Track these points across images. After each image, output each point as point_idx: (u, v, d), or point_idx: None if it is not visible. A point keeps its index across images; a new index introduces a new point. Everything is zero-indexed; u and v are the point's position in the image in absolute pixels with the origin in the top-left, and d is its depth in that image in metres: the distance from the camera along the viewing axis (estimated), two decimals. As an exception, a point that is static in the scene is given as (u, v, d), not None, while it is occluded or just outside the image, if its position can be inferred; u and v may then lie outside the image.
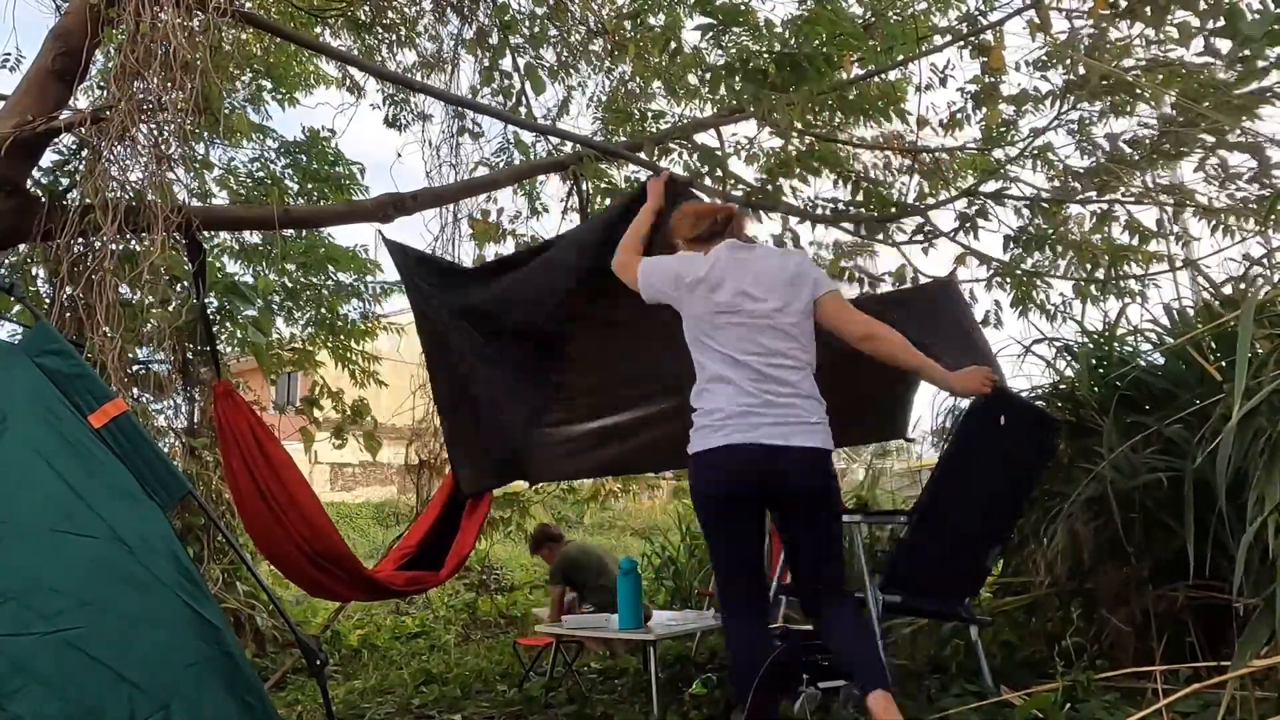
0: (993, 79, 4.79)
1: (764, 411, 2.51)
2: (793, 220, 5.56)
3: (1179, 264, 4.54)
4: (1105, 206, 4.89)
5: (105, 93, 3.67)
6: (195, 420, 4.64)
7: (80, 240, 3.46)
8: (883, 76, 5.09)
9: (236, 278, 6.22)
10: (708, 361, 2.65)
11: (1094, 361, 3.77)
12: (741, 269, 2.70)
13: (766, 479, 2.52)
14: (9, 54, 4.36)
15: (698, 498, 2.63)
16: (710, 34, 4.77)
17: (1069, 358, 3.97)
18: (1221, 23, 3.49)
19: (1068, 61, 4.39)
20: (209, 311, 4.95)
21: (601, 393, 4.48)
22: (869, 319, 2.73)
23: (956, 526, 3.20)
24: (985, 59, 4.71)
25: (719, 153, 5.44)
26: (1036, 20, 4.47)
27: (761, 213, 4.96)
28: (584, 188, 5.53)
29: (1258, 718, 1.98)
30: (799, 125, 5.04)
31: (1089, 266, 4.97)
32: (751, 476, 2.51)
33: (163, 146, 3.48)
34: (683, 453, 2.69)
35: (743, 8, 4.57)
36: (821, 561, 2.66)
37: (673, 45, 5.36)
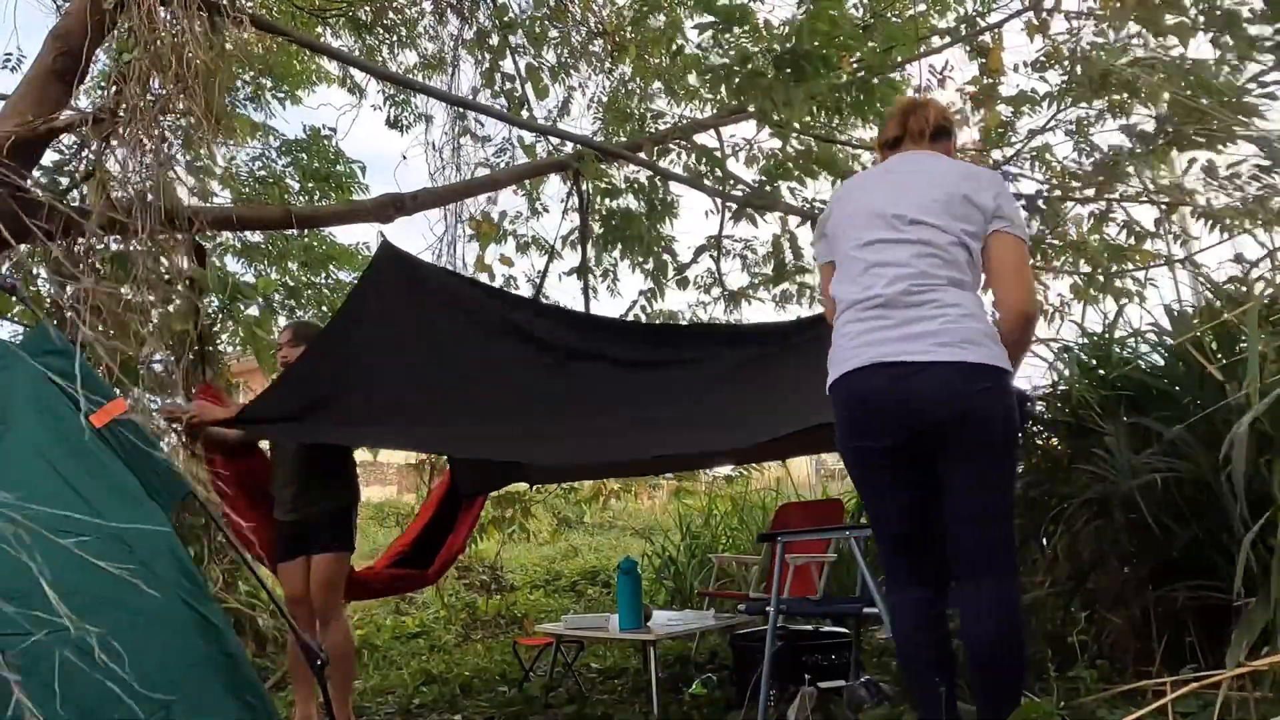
0: (991, 80, 4.80)
1: None
2: (791, 221, 5.58)
3: (1177, 259, 4.53)
4: (1104, 207, 4.90)
5: (105, 93, 3.67)
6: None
7: (82, 240, 3.46)
8: (882, 78, 5.09)
9: (238, 276, 6.24)
10: None
11: (1094, 363, 3.77)
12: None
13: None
14: (9, 54, 4.37)
15: None
16: (710, 32, 4.78)
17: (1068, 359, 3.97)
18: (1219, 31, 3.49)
19: (1066, 61, 4.40)
20: (210, 311, 4.96)
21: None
22: None
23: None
24: (984, 60, 4.72)
25: (718, 153, 5.45)
26: (1035, 22, 4.48)
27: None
28: (584, 187, 5.54)
29: (1257, 718, 1.98)
30: (798, 126, 5.05)
31: (1088, 267, 4.97)
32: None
33: (166, 148, 3.48)
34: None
35: (743, 7, 4.58)
36: None
37: (674, 45, 5.37)
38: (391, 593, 5.99)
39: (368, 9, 6.24)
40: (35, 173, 3.80)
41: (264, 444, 4.29)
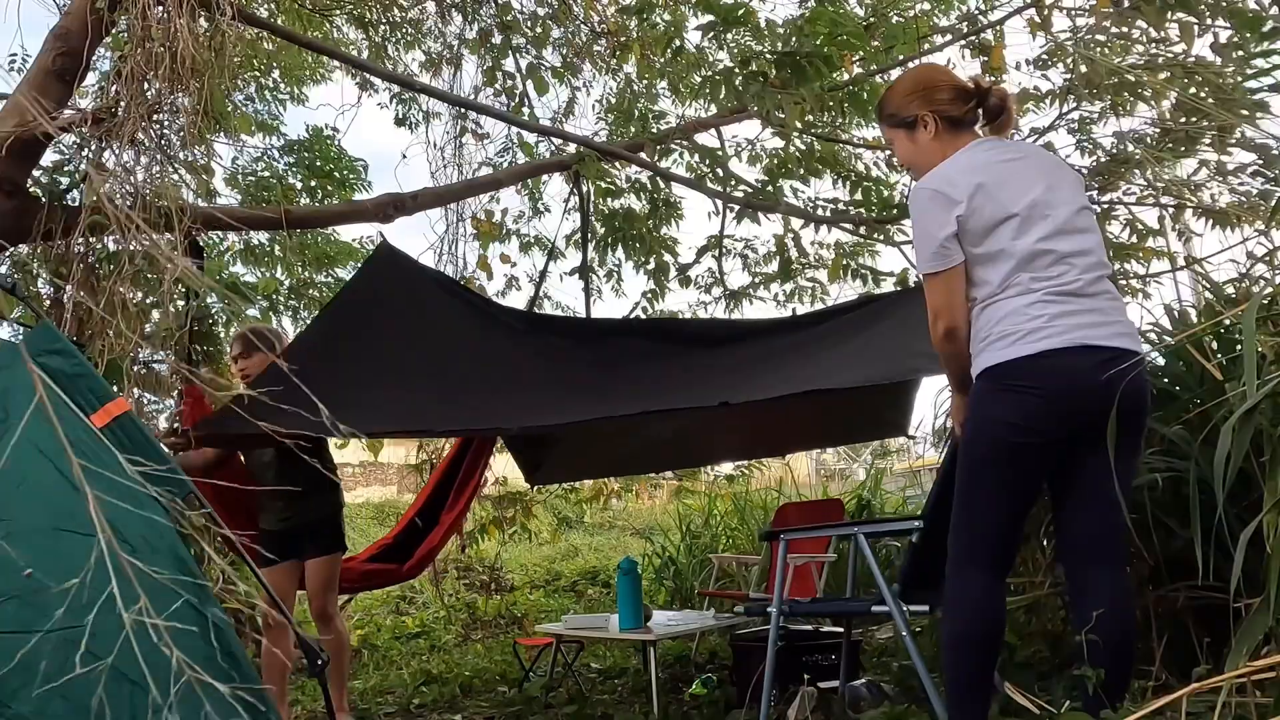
0: (994, 79, 4.79)
1: None
2: (794, 220, 5.58)
3: (1180, 263, 4.52)
4: (1106, 206, 4.89)
5: (105, 94, 3.67)
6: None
7: (83, 240, 3.46)
8: (883, 77, 5.09)
9: (240, 277, 6.24)
10: None
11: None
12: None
13: None
14: (14, 54, 4.37)
15: None
16: (711, 33, 4.77)
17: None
18: (1222, 22, 3.49)
19: (1069, 60, 4.39)
20: (211, 311, 4.97)
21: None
22: None
23: None
24: (986, 58, 4.71)
25: (720, 153, 5.44)
26: (1037, 19, 4.48)
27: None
28: (584, 188, 5.54)
29: (1257, 719, 1.98)
30: (800, 125, 5.05)
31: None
32: None
33: (166, 148, 3.48)
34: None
35: (743, 8, 4.57)
36: None
37: (675, 44, 5.36)
38: (365, 587, 5.96)
39: (373, 5, 6.24)
40: (35, 172, 3.80)
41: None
